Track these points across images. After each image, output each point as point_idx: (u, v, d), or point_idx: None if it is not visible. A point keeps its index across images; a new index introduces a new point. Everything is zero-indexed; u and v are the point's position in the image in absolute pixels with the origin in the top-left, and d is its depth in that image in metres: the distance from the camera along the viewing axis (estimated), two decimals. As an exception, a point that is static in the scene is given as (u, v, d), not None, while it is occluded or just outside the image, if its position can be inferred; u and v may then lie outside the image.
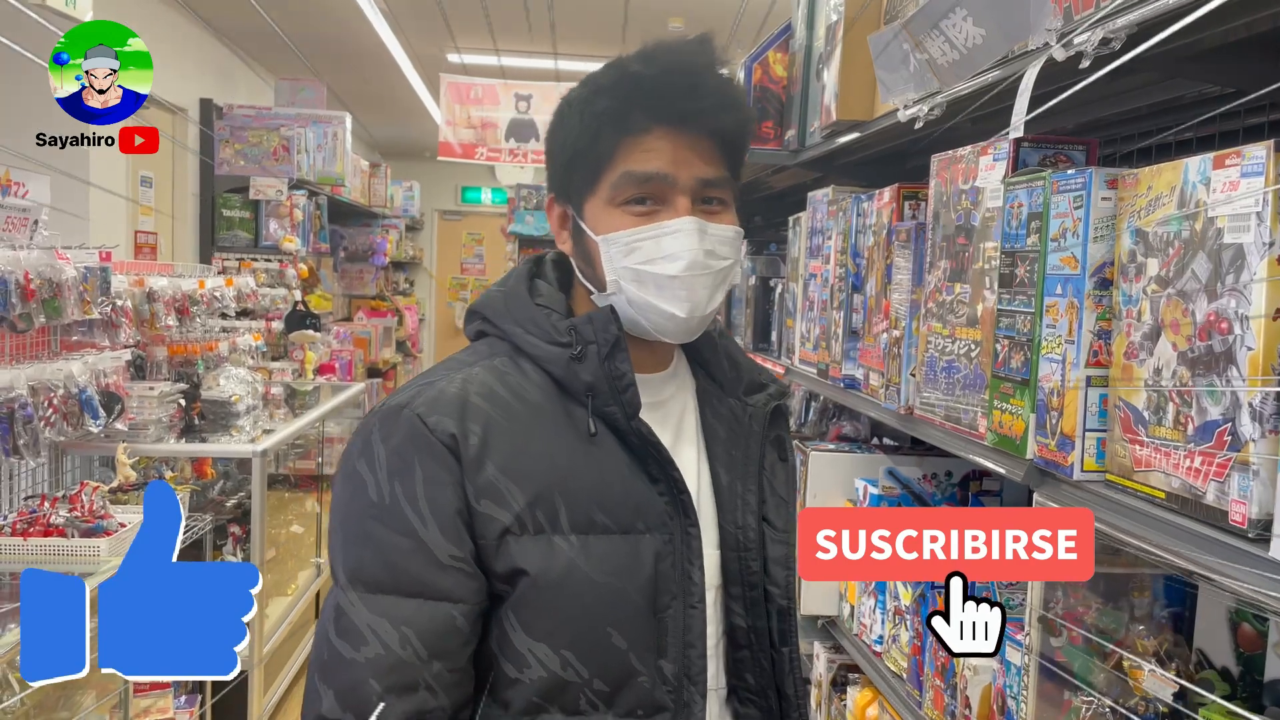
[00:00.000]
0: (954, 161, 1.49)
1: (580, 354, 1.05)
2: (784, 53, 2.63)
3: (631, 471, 1.05)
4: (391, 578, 0.99)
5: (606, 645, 1.02)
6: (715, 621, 1.10)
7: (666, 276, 1.04)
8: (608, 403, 1.05)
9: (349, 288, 9.22)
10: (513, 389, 1.06)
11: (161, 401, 3.38)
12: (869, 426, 2.55)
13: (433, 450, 1.00)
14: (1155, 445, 1.04)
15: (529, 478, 1.01)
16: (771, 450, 1.17)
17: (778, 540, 1.12)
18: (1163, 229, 1.04)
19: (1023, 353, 1.26)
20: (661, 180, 1.05)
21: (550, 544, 1.01)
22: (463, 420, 1.02)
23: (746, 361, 1.21)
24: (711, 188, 1.07)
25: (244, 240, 6.00)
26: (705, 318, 1.09)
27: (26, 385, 2.65)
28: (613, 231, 1.06)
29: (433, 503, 1.00)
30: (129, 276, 3.44)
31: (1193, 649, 1.29)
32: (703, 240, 1.05)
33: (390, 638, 0.97)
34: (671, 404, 1.15)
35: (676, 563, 1.05)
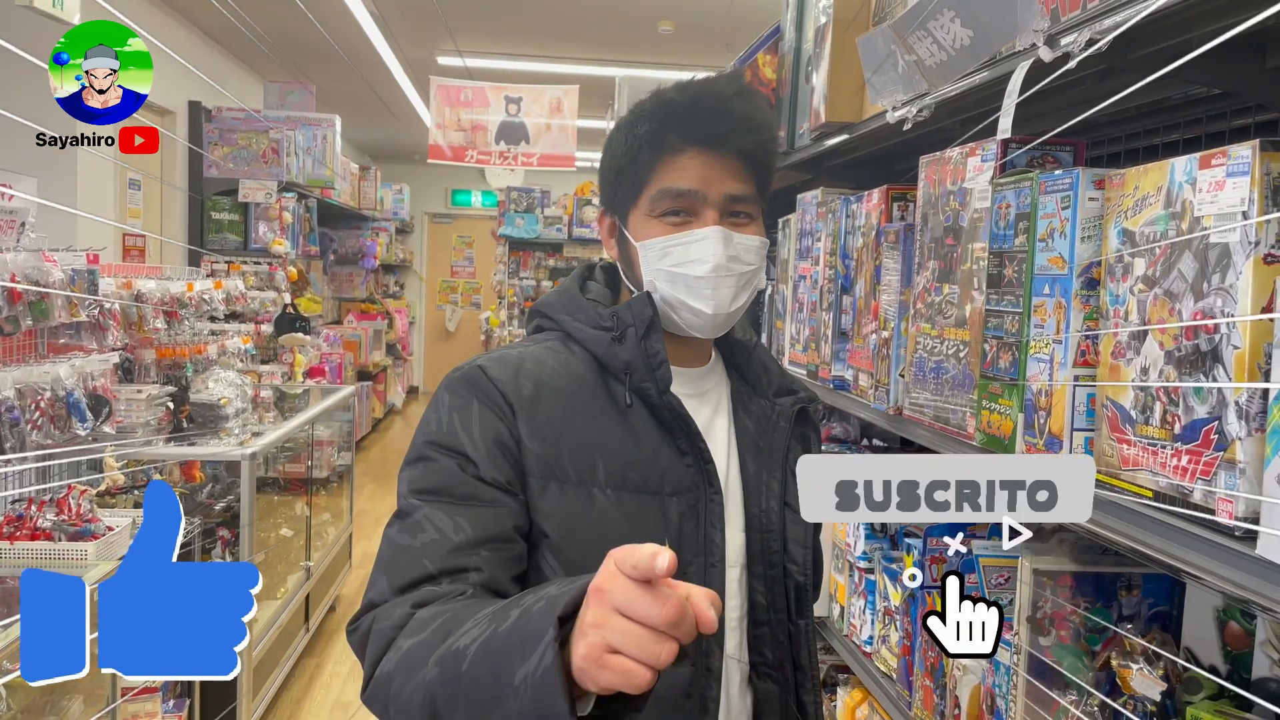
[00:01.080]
0: (942, 163, 1.49)
1: (620, 336, 1.20)
2: (773, 55, 2.64)
3: (662, 441, 1.18)
4: (446, 487, 1.12)
5: None
6: (738, 597, 1.19)
7: (694, 277, 1.18)
8: (644, 379, 1.18)
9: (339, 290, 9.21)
10: (561, 364, 1.21)
11: (150, 404, 3.36)
12: (859, 428, 2.56)
13: (490, 394, 1.16)
14: (1143, 444, 1.04)
15: (571, 433, 1.16)
16: (797, 445, 1.28)
17: (797, 523, 1.22)
18: (1149, 228, 1.04)
19: (1011, 353, 1.27)
20: (692, 196, 1.19)
21: (589, 494, 1.14)
22: (517, 377, 1.18)
23: (778, 369, 1.33)
24: (738, 202, 1.20)
25: (233, 243, 5.99)
26: (730, 315, 1.21)
27: (13, 388, 2.63)
28: (650, 239, 1.20)
29: (484, 432, 1.14)
30: (117, 279, 3.42)
31: (1180, 648, 1.30)
32: (727, 247, 1.18)
33: (445, 525, 1.09)
34: (708, 396, 1.29)
35: (700, 525, 1.17)
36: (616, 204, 1.26)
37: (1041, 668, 1.30)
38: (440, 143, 7.04)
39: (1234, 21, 1.09)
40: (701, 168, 1.19)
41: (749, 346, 1.33)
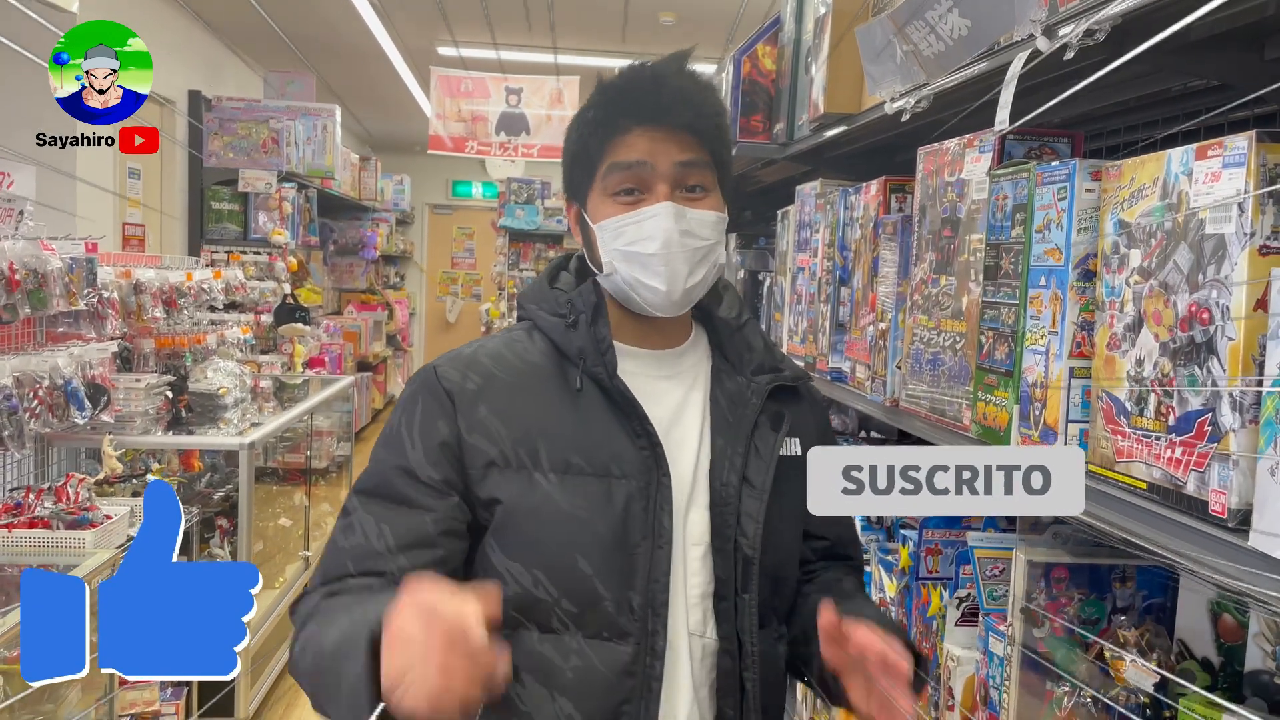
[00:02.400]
0: (940, 154, 1.49)
1: (574, 322, 1.23)
2: (773, 46, 2.63)
3: (614, 425, 1.20)
4: (383, 487, 1.19)
5: (573, 570, 1.16)
6: (701, 574, 1.21)
7: (647, 255, 1.20)
8: (595, 363, 1.21)
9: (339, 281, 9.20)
10: (518, 353, 1.25)
11: (148, 394, 3.37)
12: (856, 420, 2.56)
13: (435, 393, 1.21)
14: (1137, 436, 1.04)
15: (516, 420, 1.19)
16: (766, 422, 1.27)
17: (752, 496, 1.22)
18: (1146, 220, 1.04)
19: (1007, 344, 1.27)
20: (642, 167, 1.20)
21: (530, 478, 1.17)
22: (466, 372, 1.22)
23: (766, 347, 1.32)
24: (691, 171, 1.21)
25: (233, 233, 5.99)
26: (688, 291, 1.22)
27: (11, 376, 2.64)
28: (606, 219, 1.22)
29: (424, 432, 1.19)
30: (116, 268, 3.42)
31: (1174, 640, 1.30)
32: (679, 221, 1.20)
33: (370, 530, 1.17)
34: (681, 377, 1.29)
35: (650, 508, 1.18)
36: (576, 190, 1.29)
37: (1035, 658, 1.30)
38: (441, 133, 7.03)
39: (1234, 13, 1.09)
40: (648, 142, 1.21)
41: (734, 324, 1.33)
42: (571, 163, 1.29)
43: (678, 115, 1.21)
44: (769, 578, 1.23)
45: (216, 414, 3.69)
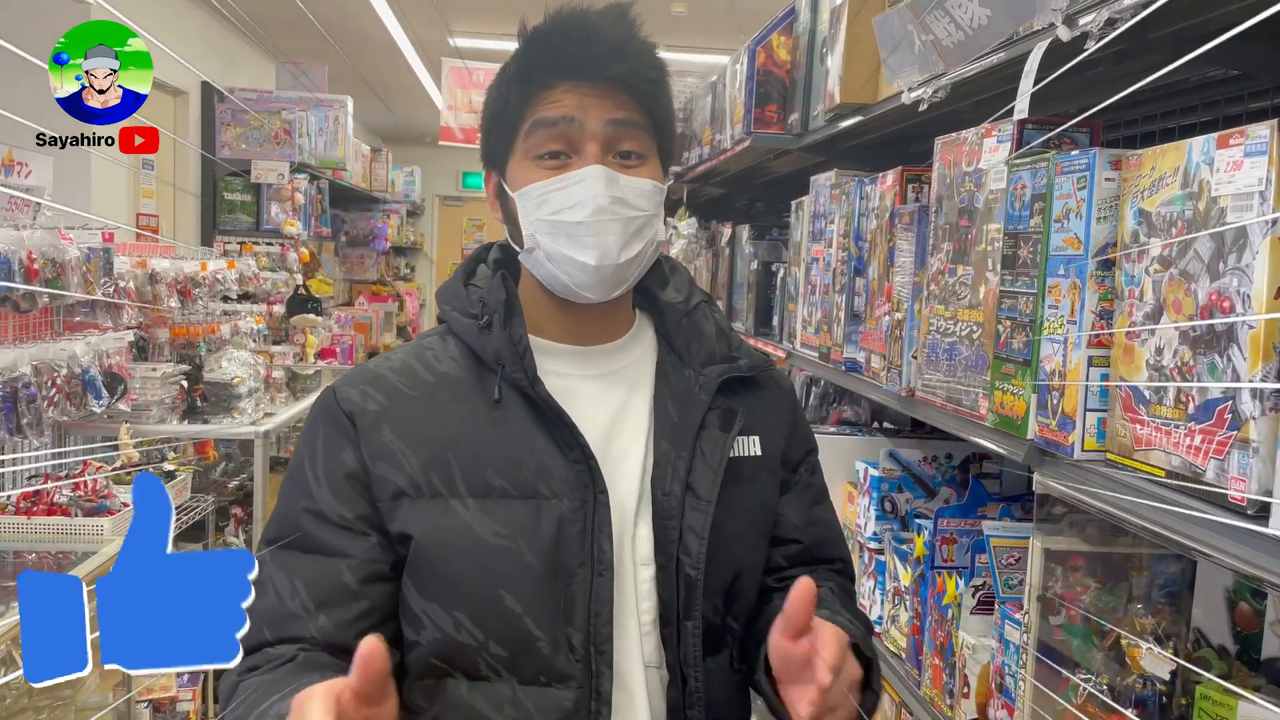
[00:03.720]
0: (957, 144, 1.49)
1: (487, 323, 1.09)
2: (787, 36, 2.63)
3: (542, 438, 1.06)
4: (290, 533, 1.06)
5: (499, 608, 1.02)
6: (651, 598, 1.08)
7: (574, 223, 1.06)
8: (514, 369, 1.07)
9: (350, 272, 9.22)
10: (428, 362, 1.11)
11: (164, 383, 3.39)
12: (869, 411, 2.56)
13: (335, 418, 1.08)
14: (1156, 424, 1.04)
15: (425, 442, 1.06)
16: (713, 420, 1.12)
17: (697, 508, 1.08)
18: (1166, 209, 1.04)
19: (1025, 333, 1.27)
20: (569, 124, 1.06)
21: (446, 506, 1.04)
22: (368, 391, 1.09)
23: (718, 334, 1.18)
24: (626, 133, 1.08)
25: (245, 224, 6.00)
26: (620, 267, 1.07)
27: (30, 365, 2.66)
28: (527, 185, 1.08)
29: (328, 465, 1.07)
30: (131, 258, 3.44)
31: (1190, 628, 1.30)
32: (610, 187, 1.06)
33: (284, 589, 1.03)
34: (621, 375, 1.15)
35: (586, 529, 1.04)
36: (495, 156, 1.14)
37: (1050, 647, 1.30)
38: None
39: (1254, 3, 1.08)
40: (577, 97, 1.07)
41: (681, 309, 1.18)
42: (490, 124, 1.13)
43: (611, 68, 1.07)
44: (721, 597, 1.09)
45: (231, 403, 3.71)
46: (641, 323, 1.20)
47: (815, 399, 2.99)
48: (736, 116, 2.85)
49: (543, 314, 1.14)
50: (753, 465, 1.14)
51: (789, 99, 2.61)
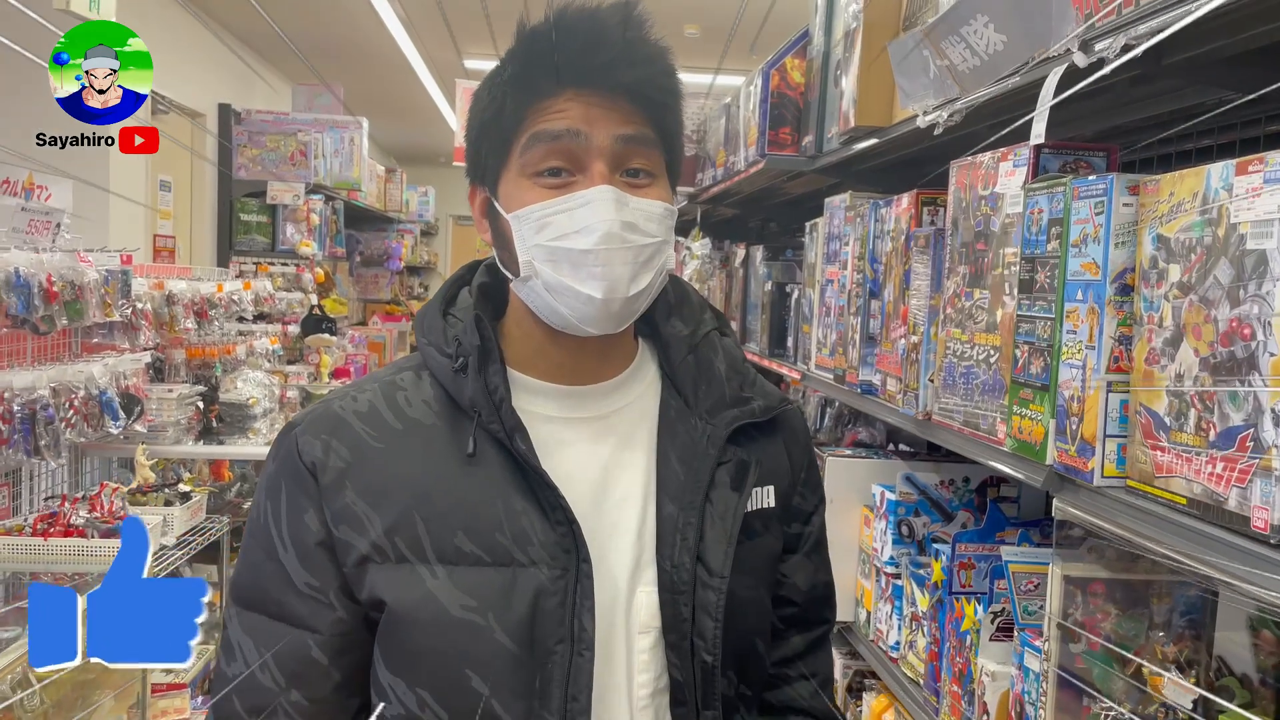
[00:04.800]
0: (973, 168, 1.49)
1: (462, 365, 0.98)
2: (801, 59, 2.64)
3: (517, 497, 0.96)
4: (259, 597, 0.99)
5: (464, 688, 0.93)
6: (650, 670, 0.98)
7: (579, 251, 0.94)
8: (491, 419, 0.96)
9: (364, 292, 9.26)
10: (398, 406, 1.00)
11: (180, 404, 3.40)
12: (884, 433, 2.55)
13: (298, 474, 0.98)
14: (1176, 451, 1.04)
15: (390, 501, 0.96)
16: (723, 477, 1.01)
17: (709, 586, 0.98)
18: (1185, 235, 1.04)
19: (1043, 358, 1.26)
20: (573, 139, 0.95)
21: (412, 573, 0.94)
22: (330, 441, 0.98)
23: (729, 373, 1.07)
24: (635, 150, 0.98)
25: (261, 244, 6.05)
26: (629, 301, 0.97)
27: (48, 387, 2.68)
28: (524, 207, 0.97)
29: (293, 528, 0.98)
30: (149, 279, 3.47)
31: (1212, 656, 1.29)
32: (620, 211, 0.95)
33: (252, 658, 0.97)
34: (617, 419, 1.04)
35: (566, 602, 0.94)
36: (484, 170, 1.01)
37: (1071, 675, 1.29)
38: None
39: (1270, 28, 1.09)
40: (582, 108, 0.95)
41: (687, 343, 1.06)
42: (479, 133, 1.01)
43: (621, 75, 0.96)
44: (735, 669, 1.01)
45: (246, 424, 3.73)
46: (644, 356, 1.09)
47: (830, 420, 2.98)
48: (750, 138, 2.86)
49: (532, 348, 1.03)
50: (765, 518, 1.05)
51: (803, 121, 2.62)
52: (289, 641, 0.96)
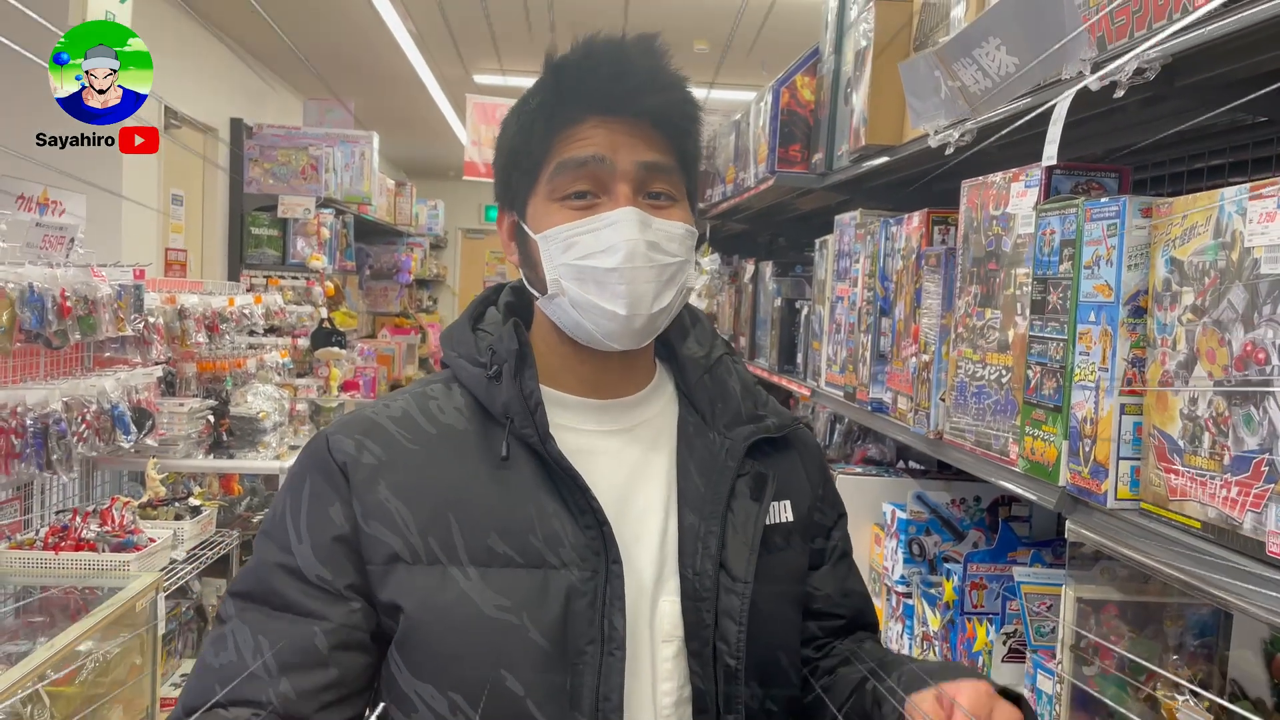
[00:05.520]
0: (985, 187, 1.49)
1: (496, 373, 1.02)
2: (811, 77, 2.65)
3: (549, 500, 0.98)
4: (262, 590, 0.98)
5: (499, 690, 0.93)
6: (673, 679, 1.00)
7: (605, 269, 0.98)
8: (524, 424, 1.00)
9: (373, 305, 9.29)
10: (430, 413, 1.04)
11: (191, 418, 3.42)
12: (894, 450, 2.55)
13: (325, 468, 1.00)
14: (1191, 474, 1.03)
15: (424, 501, 0.97)
16: (743, 488, 1.05)
17: (732, 591, 1.00)
18: (1198, 259, 1.04)
19: (1055, 379, 1.26)
20: (599, 164, 1.00)
21: (444, 575, 0.95)
22: (364, 440, 1.00)
23: (743, 391, 1.11)
24: (657, 175, 1.02)
25: (272, 258, 6.07)
26: (652, 318, 1.01)
27: (61, 401, 2.69)
28: (552, 228, 1.01)
29: (312, 519, 0.98)
30: (161, 294, 3.48)
31: (1226, 680, 1.28)
32: (644, 231, 0.99)
33: (245, 646, 0.95)
34: (642, 430, 1.08)
35: (596, 603, 0.96)
36: (513, 195, 1.07)
37: (1085, 698, 1.29)
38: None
39: None
40: (607, 134, 1.00)
41: (703, 364, 1.11)
42: (508, 162, 1.06)
43: (644, 103, 1.01)
44: (759, 681, 1.02)
45: (256, 437, 3.74)
46: (662, 375, 1.13)
47: (839, 437, 2.98)
48: (760, 155, 2.87)
49: (558, 363, 1.07)
50: (785, 532, 1.08)
51: (813, 138, 2.62)
52: (290, 628, 0.95)
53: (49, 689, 2.22)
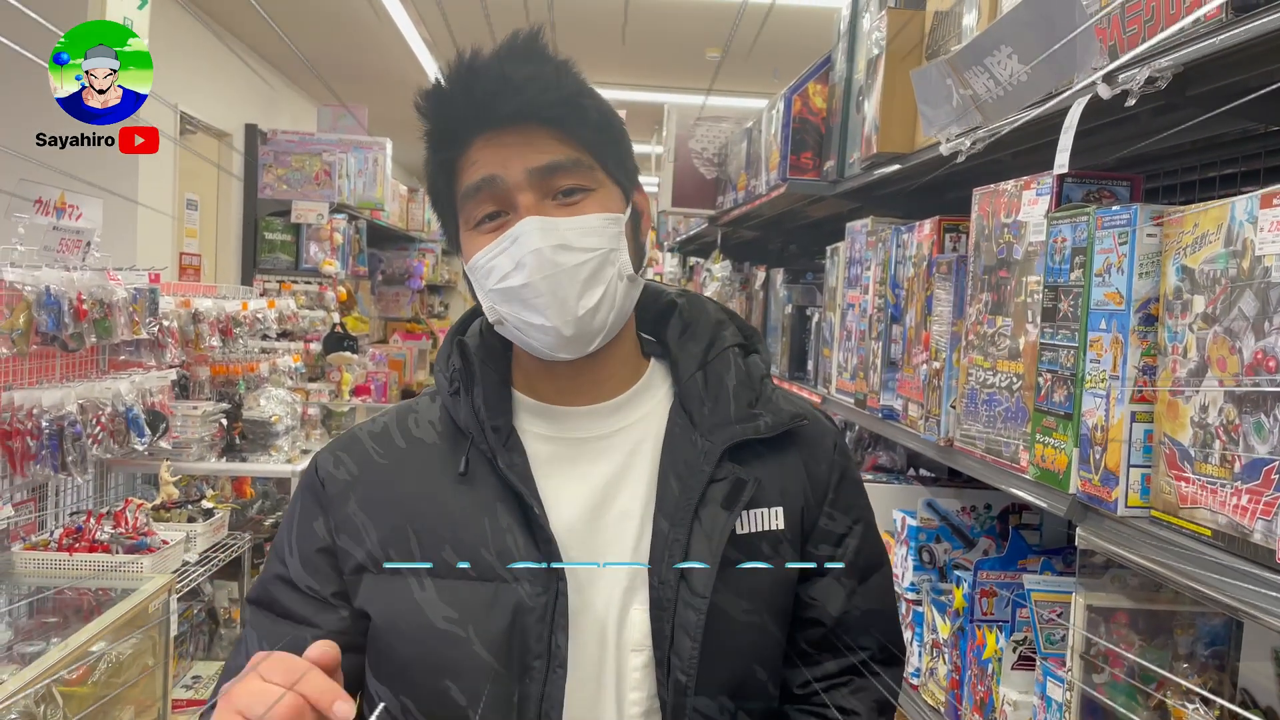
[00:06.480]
0: (996, 195, 1.50)
1: (456, 390, 1.04)
2: (823, 84, 2.66)
3: (505, 514, 0.99)
4: (266, 599, 1.05)
5: (444, 699, 0.96)
6: (643, 689, 0.99)
7: (519, 286, 0.96)
8: (481, 440, 1.01)
9: (385, 310, 9.32)
10: (406, 427, 1.07)
11: (204, 421, 3.44)
12: (905, 457, 2.55)
13: (312, 485, 1.06)
14: (1201, 482, 1.04)
15: (386, 514, 1.01)
16: (715, 494, 1.00)
17: (690, 605, 0.97)
18: (1209, 267, 1.04)
19: (1066, 387, 1.27)
20: (493, 184, 0.97)
21: (402, 584, 0.98)
22: (342, 456, 1.06)
23: (737, 389, 1.05)
24: (559, 174, 0.98)
25: (285, 263, 6.10)
26: (583, 319, 0.97)
27: (76, 403, 2.71)
28: (473, 257, 1.00)
29: (300, 534, 1.05)
30: (175, 298, 3.51)
31: (1237, 689, 1.28)
32: (547, 237, 0.96)
33: (253, 648, 0.99)
34: (617, 439, 1.05)
35: (545, 618, 0.96)
36: (450, 235, 1.06)
37: (1094, 705, 1.29)
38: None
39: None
40: (494, 151, 0.97)
41: (697, 360, 1.07)
42: (434, 199, 1.06)
43: (514, 108, 0.96)
44: (728, 693, 0.99)
45: (268, 441, 3.75)
46: (655, 375, 1.10)
47: (849, 444, 2.98)
48: (772, 162, 2.88)
49: (532, 373, 1.07)
50: (774, 540, 1.03)
51: (825, 146, 2.63)
52: (292, 636, 0.99)
53: (62, 688, 2.24)
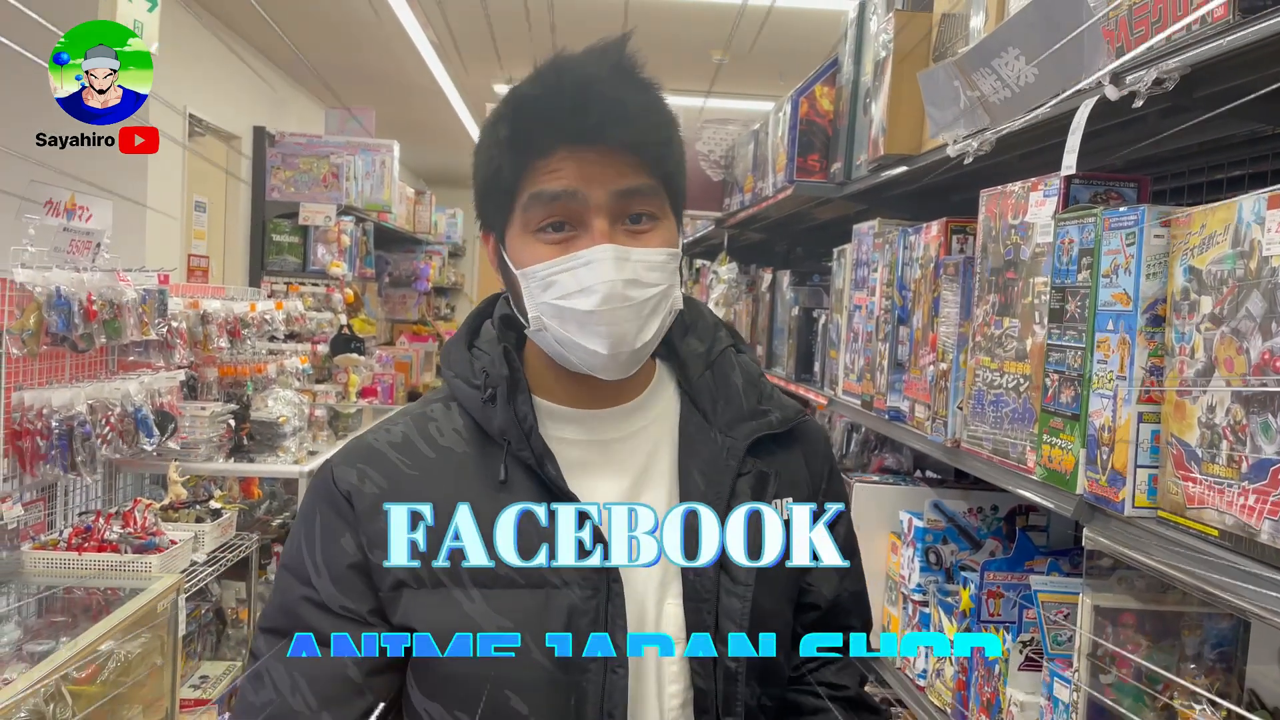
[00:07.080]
0: (1003, 197, 1.50)
1: (491, 396, 1.02)
2: (830, 87, 2.66)
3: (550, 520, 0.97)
4: (290, 624, 1.00)
5: (505, 709, 0.96)
6: (680, 682, 1.01)
7: (584, 311, 0.96)
8: (520, 447, 1.00)
9: (392, 312, 9.34)
10: (429, 435, 1.04)
11: (213, 421, 3.45)
12: (911, 459, 2.55)
13: (332, 500, 1.02)
14: (1208, 482, 1.04)
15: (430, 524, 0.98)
16: (744, 488, 1.04)
17: (733, 592, 1.00)
18: (1216, 268, 1.04)
19: (1073, 388, 1.27)
20: (571, 198, 0.97)
21: (448, 598, 0.97)
22: (365, 469, 1.02)
23: (745, 388, 1.10)
24: (636, 199, 0.99)
25: (292, 264, 6.12)
26: (635, 352, 1.00)
27: (86, 404, 2.72)
28: (530, 265, 0.99)
29: (327, 552, 1.01)
30: (184, 299, 3.52)
31: (1244, 690, 1.28)
32: (621, 269, 0.96)
33: (283, 684, 0.98)
34: (640, 438, 1.07)
35: (599, 620, 0.97)
36: (491, 222, 1.05)
37: (1101, 707, 1.29)
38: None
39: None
40: (577, 166, 0.96)
41: (704, 360, 1.10)
42: (483, 190, 1.04)
43: (615, 132, 0.96)
44: (758, 680, 1.03)
45: (276, 442, 3.76)
46: (662, 375, 1.12)
47: (856, 445, 2.98)
48: (779, 165, 2.88)
49: (552, 378, 1.07)
50: (785, 527, 1.04)
51: (831, 148, 2.63)
52: (325, 664, 0.97)
53: (71, 687, 2.25)
